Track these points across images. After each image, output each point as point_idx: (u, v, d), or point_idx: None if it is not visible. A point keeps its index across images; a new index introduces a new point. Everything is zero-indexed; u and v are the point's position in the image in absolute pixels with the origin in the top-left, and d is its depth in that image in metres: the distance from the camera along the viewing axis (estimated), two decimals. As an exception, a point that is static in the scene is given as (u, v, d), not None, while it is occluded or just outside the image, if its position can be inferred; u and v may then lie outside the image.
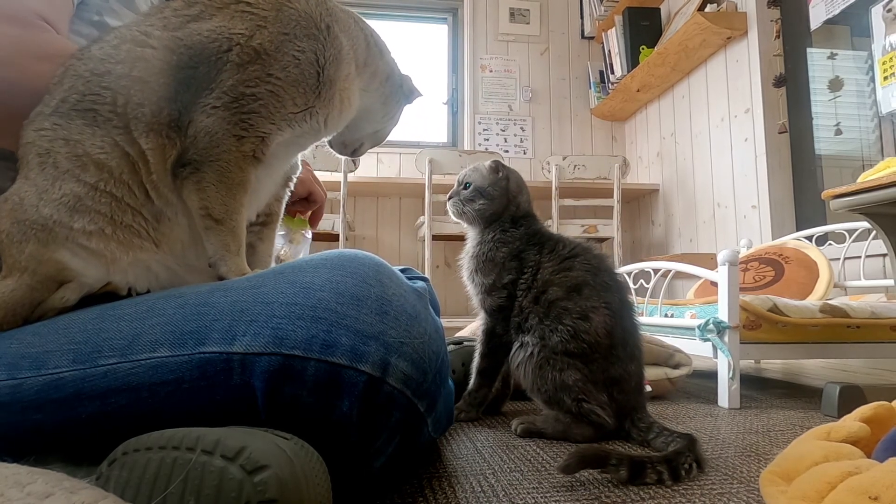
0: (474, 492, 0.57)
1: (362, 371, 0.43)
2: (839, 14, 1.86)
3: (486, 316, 0.91)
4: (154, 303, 0.50)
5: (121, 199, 0.54)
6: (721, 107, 2.45)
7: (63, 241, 0.53)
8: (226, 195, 0.56)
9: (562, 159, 2.53)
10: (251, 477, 0.35)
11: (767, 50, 2.20)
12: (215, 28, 0.55)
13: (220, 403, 0.45)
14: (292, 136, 0.60)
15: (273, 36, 0.55)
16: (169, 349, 0.45)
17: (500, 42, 3.25)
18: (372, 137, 0.76)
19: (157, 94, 0.54)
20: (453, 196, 0.96)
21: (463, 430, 0.85)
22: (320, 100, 0.59)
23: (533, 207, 0.97)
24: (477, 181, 0.94)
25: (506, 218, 0.93)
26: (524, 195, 0.96)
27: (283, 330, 0.44)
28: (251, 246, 0.68)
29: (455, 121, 3.25)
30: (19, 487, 0.30)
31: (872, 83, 1.76)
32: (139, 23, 0.57)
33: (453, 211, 0.96)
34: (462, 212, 0.94)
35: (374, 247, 3.00)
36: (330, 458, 0.42)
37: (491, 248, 0.90)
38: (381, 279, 0.50)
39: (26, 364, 0.47)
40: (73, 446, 0.47)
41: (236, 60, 0.54)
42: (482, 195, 0.93)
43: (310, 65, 0.57)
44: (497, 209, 0.93)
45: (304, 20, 0.58)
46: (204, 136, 0.54)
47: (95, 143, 0.53)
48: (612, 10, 3.02)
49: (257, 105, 0.55)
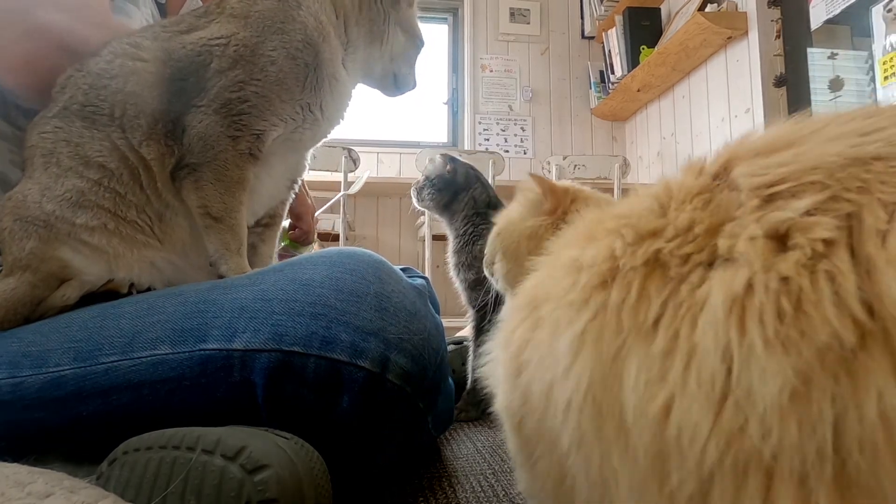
0: (474, 492, 0.57)
1: (362, 367, 0.43)
2: (839, 14, 1.86)
3: (475, 313, 0.91)
4: (154, 301, 0.50)
5: (124, 196, 0.55)
6: (721, 107, 2.45)
7: (65, 237, 0.53)
8: (224, 193, 0.56)
9: (562, 159, 2.52)
10: (251, 476, 0.35)
11: (768, 50, 2.19)
12: (197, 40, 0.56)
13: (220, 400, 0.45)
14: (287, 131, 0.60)
15: (246, 40, 0.57)
16: (169, 347, 0.45)
17: (500, 42, 3.25)
18: (394, 63, 0.71)
19: (150, 107, 0.55)
20: (414, 185, 1.04)
21: (463, 430, 0.85)
22: (306, 91, 0.60)
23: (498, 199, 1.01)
24: (429, 172, 1.03)
25: (467, 210, 0.97)
26: (478, 187, 1.00)
27: (283, 327, 0.44)
28: (253, 246, 0.68)
29: (455, 121, 3.25)
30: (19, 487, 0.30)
31: (873, 83, 1.76)
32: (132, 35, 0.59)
33: (413, 198, 1.04)
34: (420, 198, 1.02)
35: (375, 247, 2.99)
36: (330, 457, 0.42)
37: (467, 242, 0.93)
38: (380, 276, 0.50)
39: (27, 362, 0.47)
40: (73, 445, 0.47)
41: (217, 68, 0.56)
42: (431, 184, 1.01)
43: (286, 60, 0.58)
44: (447, 199, 0.99)
45: (269, 18, 0.58)
46: (198, 142, 0.55)
47: (94, 146, 0.54)
48: (612, 10, 3.02)
49: (246, 106, 0.56)
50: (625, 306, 0.23)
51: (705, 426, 0.19)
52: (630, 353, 0.23)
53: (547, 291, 0.29)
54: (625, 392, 0.22)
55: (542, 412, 0.27)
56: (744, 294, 0.20)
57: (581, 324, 0.25)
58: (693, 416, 0.20)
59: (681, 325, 0.21)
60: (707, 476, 0.19)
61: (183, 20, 0.60)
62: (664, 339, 0.22)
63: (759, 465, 0.18)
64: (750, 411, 0.18)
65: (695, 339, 0.21)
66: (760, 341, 0.19)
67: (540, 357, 0.27)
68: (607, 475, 0.23)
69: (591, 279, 0.26)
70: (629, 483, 0.22)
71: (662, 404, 0.21)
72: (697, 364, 0.20)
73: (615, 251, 0.26)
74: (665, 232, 0.24)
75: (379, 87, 0.73)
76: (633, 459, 0.22)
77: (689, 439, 0.20)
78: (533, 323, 0.29)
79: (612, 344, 0.23)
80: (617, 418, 0.22)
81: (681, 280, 0.22)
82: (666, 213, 0.25)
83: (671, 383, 0.21)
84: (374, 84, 0.73)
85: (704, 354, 0.20)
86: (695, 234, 0.23)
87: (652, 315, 0.22)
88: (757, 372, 0.19)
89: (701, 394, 0.20)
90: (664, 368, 0.21)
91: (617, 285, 0.24)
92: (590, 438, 0.23)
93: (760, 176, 0.23)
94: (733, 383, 0.19)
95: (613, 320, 0.23)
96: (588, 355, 0.24)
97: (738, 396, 0.19)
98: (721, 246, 0.22)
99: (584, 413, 0.24)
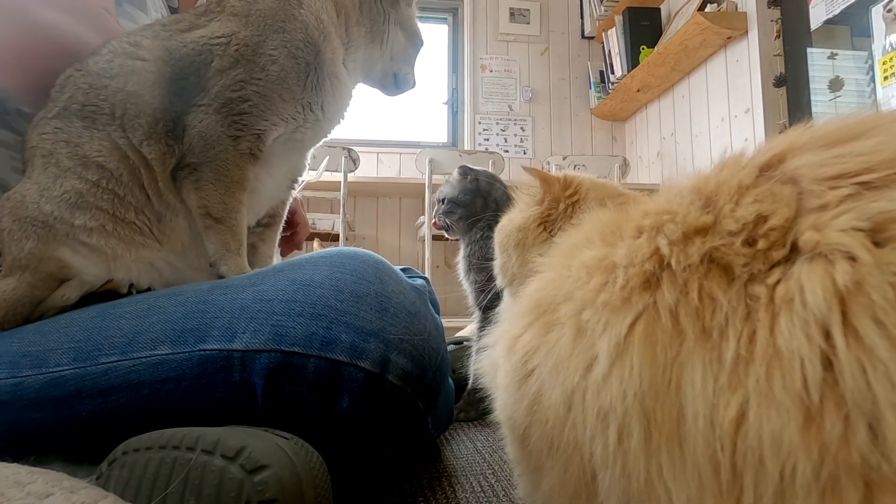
0: (474, 492, 0.57)
1: (362, 368, 0.43)
2: (839, 14, 1.86)
3: (480, 314, 0.91)
4: (154, 301, 0.50)
5: (123, 197, 0.55)
6: (721, 107, 2.44)
7: (64, 238, 0.53)
8: (224, 193, 0.56)
9: (562, 159, 2.53)
10: (251, 477, 0.35)
11: (768, 50, 2.19)
12: (198, 39, 0.56)
13: (220, 401, 0.45)
14: (288, 131, 0.60)
15: (248, 39, 0.56)
16: (169, 347, 0.45)
17: (500, 42, 3.24)
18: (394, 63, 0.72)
19: (151, 106, 0.55)
20: (436, 215, 0.99)
21: (463, 430, 0.85)
22: (307, 90, 0.59)
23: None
24: (449, 193, 0.97)
25: (488, 215, 0.95)
26: (497, 189, 0.98)
27: (283, 327, 0.44)
28: (253, 246, 0.68)
29: (455, 121, 3.25)
30: (19, 487, 0.30)
31: (873, 83, 1.76)
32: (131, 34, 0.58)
33: (442, 228, 0.98)
34: (447, 226, 0.97)
35: (374, 247, 2.99)
36: (330, 457, 0.42)
37: (481, 247, 0.92)
38: (380, 276, 0.50)
39: (27, 362, 0.47)
40: (73, 445, 0.47)
41: (218, 67, 0.55)
42: (457, 204, 0.96)
43: (287, 59, 0.58)
44: (475, 210, 0.95)
45: (270, 17, 0.58)
46: (199, 141, 0.55)
47: (94, 146, 0.54)
48: (612, 10, 3.02)
49: (247, 106, 0.56)
50: (682, 308, 0.22)
51: (794, 435, 0.17)
52: (692, 357, 0.21)
53: (565, 293, 0.27)
54: (686, 399, 0.20)
55: (559, 422, 0.25)
56: (851, 291, 0.18)
57: (623, 327, 0.23)
58: (777, 424, 0.18)
59: (758, 327, 0.19)
60: (794, 490, 0.17)
61: (183, 18, 0.59)
62: (736, 341, 0.20)
63: (864, 476, 0.17)
64: (859, 419, 0.17)
65: (779, 341, 0.19)
66: (883, 341, 0.17)
67: (556, 363, 0.26)
68: (656, 489, 0.21)
69: (632, 279, 0.24)
70: (686, 498, 0.20)
71: (736, 413, 0.19)
72: (784, 368, 0.18)
73: (660, 249, 0.24)
74: (719, 227, 0.22)
75: (379, 86, 0.73)
76: (692, 472, 0.20)
77: (772, 450, 0.18)
78: (544, 327, 0.28)
79: (668, 348, 0.21)
80: (671, 428, 0.21)
81: (752, 279, 0.20)
82: (714, 207, 0.23)
83: (748, 390, 0.19)
84: (374, 83, 0.73)
85: (794, 358, 0.18)
86: (765, 229, 0.21)
87: (719, 317, 0.20)
88: (879, 374, 0.17)
89: (788, 400, 0.18)
90: (738, 374, 0.19)
91: (668, 285, 0.22)
92: (635, 450, 0.22)
93: (832, 166, 0.21)
94: (842, 388, 0.17)
95: (669, 323, 0.22)
96: (636, 360, 0.22)
97: (845, 402, 0.17)
98: (805, 240, 0.20)
99: (628, 422, 0.22)
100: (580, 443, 0.24)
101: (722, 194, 0.24)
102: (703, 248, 0.22)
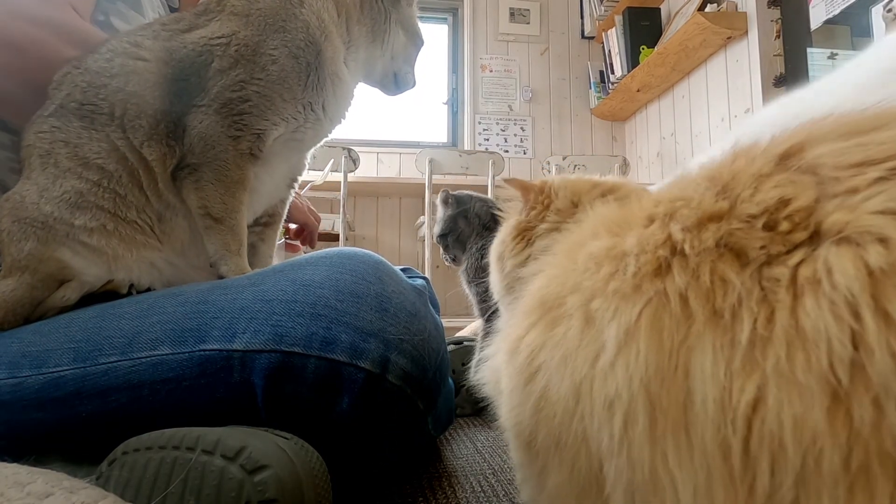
0: (474, 492, 0.57)
1: (362, 368, 0.43)
2: (839, 14, 1.86)
3: (484, 321, 0.91)
4: (154, 301, 0.50)
5: (124, 197, 0.55)
6: (721, 107, 2.44)
7: (63, 238, 0.53)
8: (224, 193, 0.56)
9: (562, 159, 2.53)
10: (251, 477, 0.35)
11: (768, 50, 2.19)
12: (198, 39, 0.56)
13: (220, 401, 0.45)
14: (288, 131, 0.60)
15: (248, 39, 0.56)
16: (169, 347, 0.45)
17: (500, 42, 3.25)
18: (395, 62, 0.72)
19: (152, 107, 0.55)
20: (443, 254, 1.00)
21: (463, 430, 0.85)
22: (308, 90, 0.59)
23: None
24: (437, 229, 0.98)
25: (475, 226, 0.96)
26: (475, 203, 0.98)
27: (283, 327, 0.44)
28: (253, 246, 0.68)
29: (455, 121, 3.25)
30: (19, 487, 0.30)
31: (873, 83, 1.76)
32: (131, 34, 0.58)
33: (451, 262, 0.99)
34: (454, 259, 0.98)
35: (374, 247, 2.99)
36: (330, 457, 0.42)
37: (477, 258, 0.92)
38: (380, 276, 0.50)
39: (27, 363, 0.47)
40: (73, 445, 0.47)
41: (218, 67, 0.55)
42: (446, 234, 0.97)
43: (287, 59, 0.58)
44: (461, 230, 0.96)
45: (271, 16, 0.58)
46: (199, 142, 0.55)
47: (93, 147, 0.54)
48: (612, 10, 3.02)
49: (247, 106, 0.56)
50: (692, 292, 0.21)
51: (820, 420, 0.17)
52: (701, 340, 0.20)
53: (572, 285, 0.27)
54: (694, 384, 0.20)
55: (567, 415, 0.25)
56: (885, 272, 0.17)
57: (633, 313, 0.22)
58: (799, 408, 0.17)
59: (777, 308, 0.19)
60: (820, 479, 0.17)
61: (182, 18, 0.59)
62: (752, 322, 0.19)
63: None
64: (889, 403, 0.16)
65: (803, 321, 0.18)
66: None
67: (564, 355, 0.25)
68: (661, 478, 0.20)
69: (644, 266, 0.23)
70: (693, 487, 0.19)
71: (753, 397, 0.18)
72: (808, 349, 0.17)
73: (672, 235, 0.23)
74: (736, 212, 0.22)
75: (379, 85, 0.73)
76: (700, 460, 0.19)
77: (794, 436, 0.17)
78: (550, 323, 0.27)
79: (675, 332, 0.21)
80: (678, 414, 0.20)
81: (769, 261, 0.20)
82: (730, 194, 0.23)
83: (766, 372, 0.18)
84: (375, 83, 0.73)
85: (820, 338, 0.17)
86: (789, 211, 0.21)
87: (732, 298, 0.20)
88: None
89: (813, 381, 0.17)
90: (755, 355, 0.19)
91: (679, 270, 0.22)
92: (640, 438, 0.21)
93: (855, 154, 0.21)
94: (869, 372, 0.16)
95: (678, 307, 0.21)
96: (642, 345, 0.22)
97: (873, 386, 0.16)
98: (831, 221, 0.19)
99: (633, 409, 0.21)
100: (588, 435, 0.23)
101: (739, 182, 0.23)
102: (719, 232, 0.22)
